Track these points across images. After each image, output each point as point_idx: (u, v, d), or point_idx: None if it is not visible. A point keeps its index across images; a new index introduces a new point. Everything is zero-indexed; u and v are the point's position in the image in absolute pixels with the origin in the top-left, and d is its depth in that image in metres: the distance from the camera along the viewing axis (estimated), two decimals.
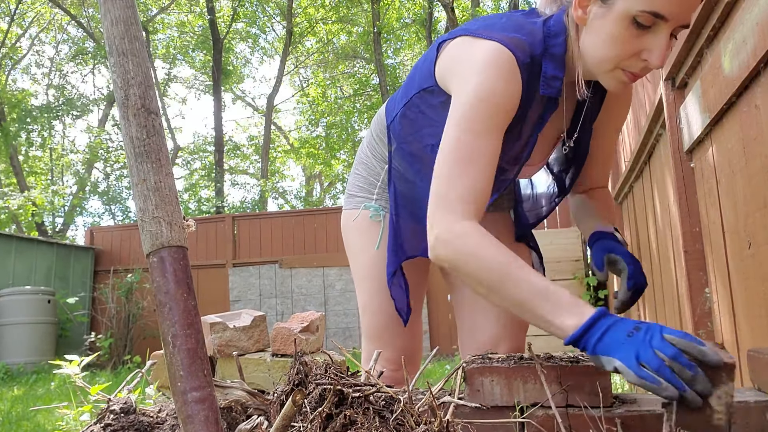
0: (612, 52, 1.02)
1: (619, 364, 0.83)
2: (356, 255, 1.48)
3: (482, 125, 1.06)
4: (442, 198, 1.06)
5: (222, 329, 1.51)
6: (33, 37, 17.37)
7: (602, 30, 1.02)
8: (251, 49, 19.80)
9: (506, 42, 1.07)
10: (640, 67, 1.03)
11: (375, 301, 1.44)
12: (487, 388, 0.91)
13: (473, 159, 1.05)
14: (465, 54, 1.12)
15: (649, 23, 0.97)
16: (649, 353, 0.81)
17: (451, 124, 1.08)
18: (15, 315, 6.94)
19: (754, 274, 1.28)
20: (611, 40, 1.01)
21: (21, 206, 10.75)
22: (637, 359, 0.82)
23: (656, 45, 0.99)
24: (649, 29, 0.98)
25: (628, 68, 1.04)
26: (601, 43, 1.03)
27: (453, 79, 1.13)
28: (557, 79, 1.11)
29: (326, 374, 0.83)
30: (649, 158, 2.56)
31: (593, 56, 1.05)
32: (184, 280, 0.74)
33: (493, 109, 1.06)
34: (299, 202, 21.33)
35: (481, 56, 1.08)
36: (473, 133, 1.06)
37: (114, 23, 0.81)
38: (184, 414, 0.69)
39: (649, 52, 1.00)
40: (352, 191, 1.51)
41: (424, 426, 0.79)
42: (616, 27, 1.00)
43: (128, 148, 0.78)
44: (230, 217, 8.46)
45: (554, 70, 1.11)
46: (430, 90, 1.21)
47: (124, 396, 1.06)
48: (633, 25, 0.98)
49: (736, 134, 1.34)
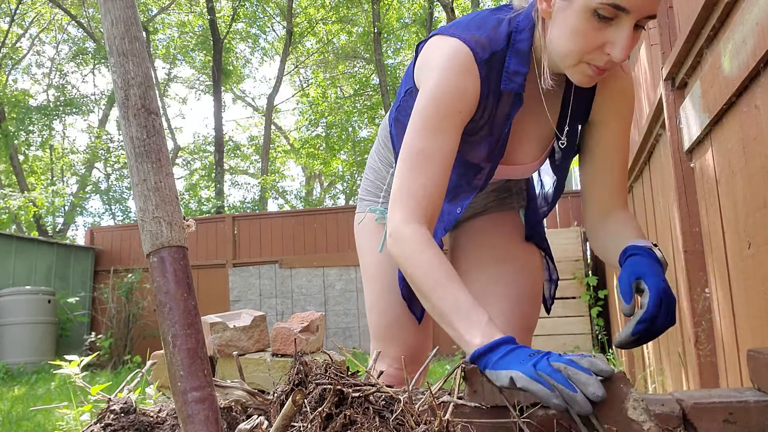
0: (575, 46, 1.01)
1: (515, 373, 0.84)
2: (364, 256, 1.50)
3: (436, 122, 1.08)
4: (396, 195, 1.09)
5: (222, 329, 1.51)
6: (33, 38, 17.37)
7: (565, 23, 1.01)
8: (251, 50, 19.81)
9: (465, 39, 1.08)
10: (605, 60, 1.01)
11: (382, 301, 1.44)
12: (487, 388, 0.91)
13: (427, 158, 1.07)
14: (430, 53, 1.14)
15: (611, 15, 0.96)
16: (544, 363, 0.83)
17: (410, 125, 1.11)
18: (15, 315, 6.94)
19: (753, 274, 1.28)
20: (573, 33, 1.00)
21: (22, 207, 10.75)
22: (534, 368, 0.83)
23: (619, 38, 0.97)
24: (612, 21, 0.97)
25: (593, 62, 1.02)
26: (565, 36, 1.02)
27: (421, 78, 1.15)
28: (519, 74, 1.11)
29: (326, 374, 0.83)
30: (649, 158, 2.56)
31: (558, 50, 1.05)
32: (184, 280, 0.74)
33: (446, 107, 1.07)
34: (299, 202, 21.34)
35: (439, 54, 1.10)
36: (427, 130, 1.08)
37: (114, 23, 0.81)
38: (184, 414, 0.69)
39: (612, 46, 0.98)
40: (362, 195, 1.55)
41: (424, 426, 0.79)
42: (577, 20, 0.99)
43: (128, 148, 0.78)
44: (230, 217, 8.47)
45: (517, 65, 1.11)
46: (411, 92, 1.23)
47: (125, 396, 1.06)
48: (594, 18, 0.97)
49: (735, 134, 1.34)
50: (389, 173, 1.46)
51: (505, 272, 1.41)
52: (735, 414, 0.86)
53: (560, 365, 0.82)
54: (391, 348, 1.44)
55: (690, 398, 0.88)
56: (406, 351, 1.44)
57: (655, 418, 0.84)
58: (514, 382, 0.83)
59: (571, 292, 5.83)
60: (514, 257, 1.43)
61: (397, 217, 1.08)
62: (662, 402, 0.90)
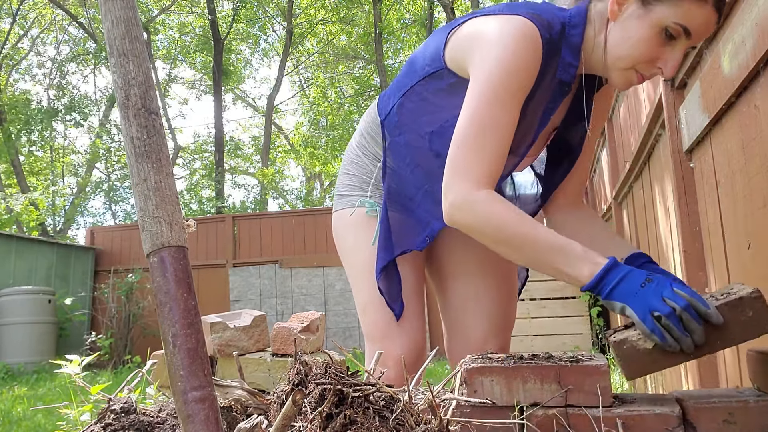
0: (635, 53, 1.07)
1: (631, 312, 0.92)
2: (353, 252, 1.43)
3: (504, 94, 1.08)
4: (461, 166, 1.09)
5: (222, 329, 1.51)
6: (34, 38, 17.37)
7: (633, 30, 1.06)
8: (251, 50, 19.81)
9: (530, 17, 1.10)
10: (652, 72, 1.09)
11: (377, 298, 1.38)
12: (487, 388, 0.92)
13: (493, 129, 1.08)
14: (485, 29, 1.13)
15: (677, 35, 1.03)
16: (660, 303, 0.90)
17: (473, 96, 1.10)
18: (15, 315, 6.95)
19: (753, 274, 1.28)
20: (639, 41, 1.06)
21: (24, 210, 10.75)
22: (650, 310, 0.90)
23: (673, 57, 1.06)
24: (674, 41, 1.04)
25: (642, 71, 1.09)
26: (629, 41, 1.07)
27: (473, 54, 1.13)
28: (573, 66, 1.15)
29: (326, 374, 0.83)
30: (648, 158, 2.56)
31: (615, 52, 1.09)
32: (184, 280, 0.74)
33: (515, 79, 1.08)
34: (299, 202, 21.34)
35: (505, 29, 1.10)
36: (496, 102, 1.08)
37: (115, 24, 0.81)
38: (184, 413, 0.69)
39: (665, 62, 1.06)
40: (343, 191, 1.47)
41: (424, 426, 0.79)
42: (647, 31, 1.05)
43: (129, 148, 0.79)
44: (230, 217, 8.47)
45: (571, 57, 1.14)
46: (437, 74, 1.22)
47: (125, 396, 1.06)
48: (662, 33, 1.04)
49: (735, 134, 1.34)
50: (376, 167, 1.41)
51: (492, 275, 1.46)
52: (735, 414, 0.86)
53: (677, 307, 0.89)
54: (392, 345, 1.37)
55: (690, 398, 0.89)
56: (409, 344, 1.38)
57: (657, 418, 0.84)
58: (629, 318, 0.92)
59: (571, 292, 5.83)
60: (498, 263, 1.47)
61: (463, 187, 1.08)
62: (662, 402, 0.90)
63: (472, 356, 1.02)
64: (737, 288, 0.94)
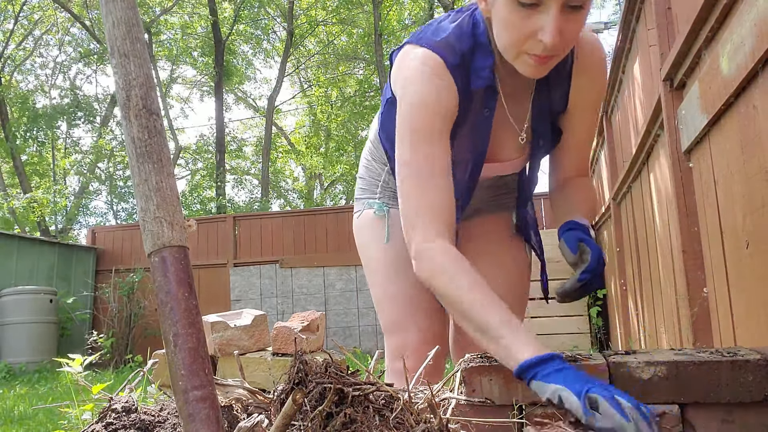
0: (509, 37, 1.03)
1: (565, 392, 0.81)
2: (368, 250, 1.50)
3: (424, 131, 1.08)
4: (411, 218, 1.09)
5: (223, 328, 1.52)
6: (37, 39, 17.37)
7: (497, 17, 1.04)
8: (253, 51, 19.79)
9: (433, 46, 1.10)
10: (541, 48, 1.02)
11: (390, 290, 1.43)
12: (486, 387, 0.92)
13: (428, 168, 1.07)
14: (401, 64, 1.16)
15: (533, 1, 0.97)
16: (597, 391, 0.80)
17: (398, 141, 1.11)
18: (17, 314, 6.95)
19: (752, 274, 1.29)
20: (505, 25, 1.03)
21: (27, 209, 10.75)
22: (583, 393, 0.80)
23: (546, 23, 0.98)
24: (538, 8, 0.98)
25: (530, 51, 1.03)
26: (500, 30, 1.05)
27: (397, 90, 1.16)
28: (485, 67, 1.13)
29: (326, 373, 0.84)
30: (647, 159, 2.57)
31: (500, 45, 1.08)
32: (185, 280, 0.75)
33: (429, 112, 1.08)
34: (300, 202, 21.34)
35: (410, 65, 1.11)
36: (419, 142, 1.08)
37: (116, 24, 0.82)
38: (185, 412, 0.70)
39: (542, 32, 0.99)
40: (358, 195, 1.56)
41: (423, 425, 0.80)
42: (505, 11, 1.01)
43: (130, 148, 0.79)
44: (231, 217, 8.48)
45: (482, 59, 1.13)
46: (391, 101, 1.24)
47: (126, 395, 1.06)
48: (519, 7, 0.99)
49: (734, 135, 1.34)
50: (384, 170, 1.48)
51: (503, 276, 1.46)
52: (733, 413, 0.86)
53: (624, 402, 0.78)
54: (409, 337, 1.40)
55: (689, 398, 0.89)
56: (426, 335, 1.39)
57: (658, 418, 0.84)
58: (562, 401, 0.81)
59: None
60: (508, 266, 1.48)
61: (417, 238, 1.06)
62: (662, 402, 0.90)
63: (471, 355, 1.02)
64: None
